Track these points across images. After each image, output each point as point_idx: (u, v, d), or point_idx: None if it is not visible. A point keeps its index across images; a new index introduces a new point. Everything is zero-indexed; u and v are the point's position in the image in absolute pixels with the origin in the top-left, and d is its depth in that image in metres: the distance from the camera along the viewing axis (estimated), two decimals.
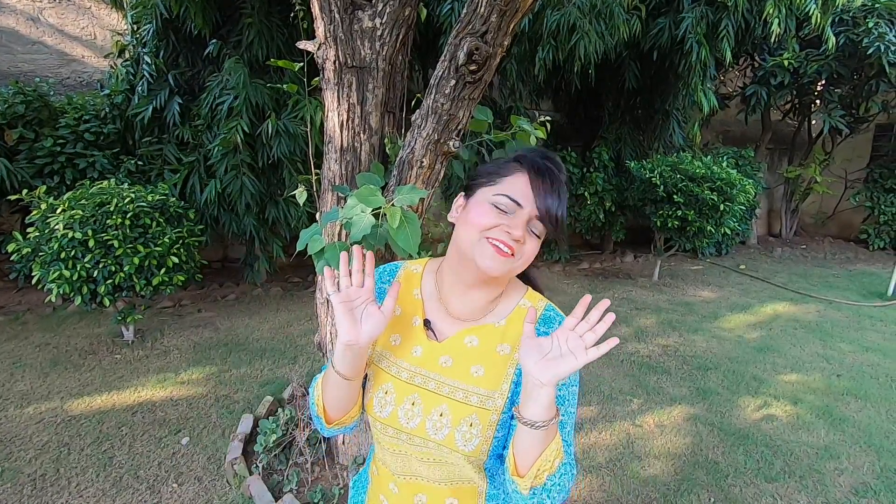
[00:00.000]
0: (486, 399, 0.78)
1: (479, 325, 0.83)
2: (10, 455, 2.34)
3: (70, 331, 3.78)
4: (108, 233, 3.14)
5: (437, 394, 0.80)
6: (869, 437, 2.63)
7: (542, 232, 0.78)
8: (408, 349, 0.84)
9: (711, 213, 4.82)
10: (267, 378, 3.13)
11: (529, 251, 0.78)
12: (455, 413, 0.78)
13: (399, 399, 0.82)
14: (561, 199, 0.77)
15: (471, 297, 0.83)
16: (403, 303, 0.87)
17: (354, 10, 1.89)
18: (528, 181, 0.77)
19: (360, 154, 1.94)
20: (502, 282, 0.83)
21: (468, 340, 0.82)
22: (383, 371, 0.84)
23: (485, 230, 0.76)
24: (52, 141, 3.95)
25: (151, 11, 3.94)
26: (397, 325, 0.86)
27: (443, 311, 0.85)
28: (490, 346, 0.81)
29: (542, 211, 0.76)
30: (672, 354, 3.62)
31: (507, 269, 0.76)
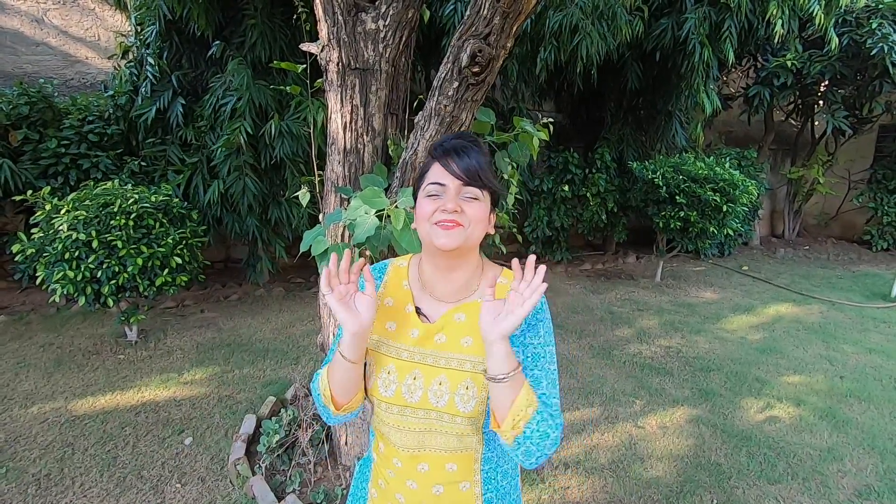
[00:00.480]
0: (478, 364, 0.88)
1: (465, 303, 0.93)
2: (14, 455, 2.35)
3: (74, 331, 3.80)
4: (112, 233, 3.15)
5: (435, 366, 0.90)
6: (872, 439, 2.62)
7: (478, 194, 0.87)
8: (405, 333, 0.93)
9: (714, 213, 4.82)
10: (269, 378, 3.14)
11: (473, 214, 0.87)
12: (452, 380, 0.88)
13: (401, 377, 0.90)
14: (471, 157, 0.87)
15: (450, 279, 0.93)
16: (394, 295, 0.97)
17: (358, 12, 1.90)
18: (441, 162, 0.88)
19: (363, 156, 1.95)
20: (467, 254, 0.92)
21: (457, 317, 0.92)
22: (384, 355, 0.93)
23: (428, 218, 0.87)
24: (56, 142, 3.97)
25: (155, 13, 3.95)
26: (391, 314, 0.96)
27: (429, 297, 0.95)
28: (475, 320, 0.90)
29: (459, 175, 0.86)
30: (674, 356, 3.62)
31: (460, 238, 0.86)
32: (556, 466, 2.34)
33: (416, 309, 0.94)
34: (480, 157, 0.88)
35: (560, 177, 5.86)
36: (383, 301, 0.97)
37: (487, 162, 0.90)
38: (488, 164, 0.90)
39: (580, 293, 5.11)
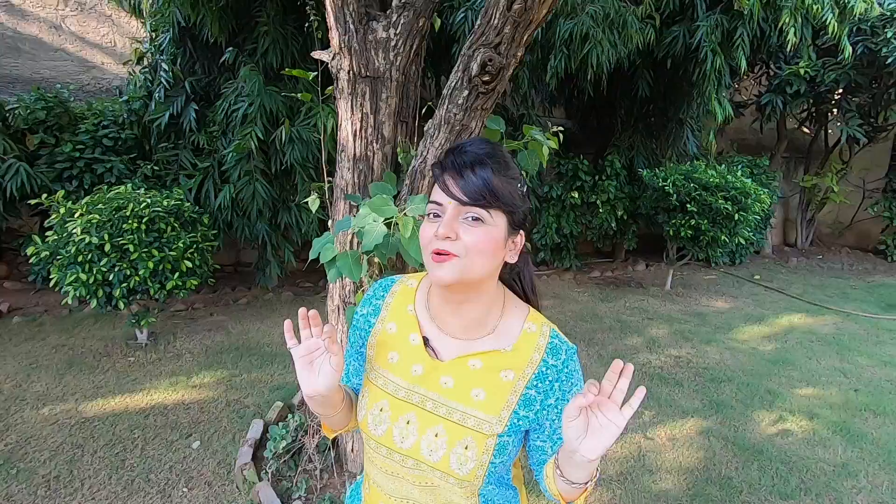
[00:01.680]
0: (484, 423, 0.77)
1: (485, 351, 0.80)
2: (25, 455, 2.38)
3: (85, 333, 3.84)
4: (124, 237, 3.19)
5: (434, 414, 0.79)
6: (888, 454, 2.57)
7: (482, 215, 0.72)
8: (407, 367, 0.82)
9: (725, 222, 4.77)
10: (277, 383, 3.15)
11: (471, 242, 0.72)
12: (451, 434, 0.77)
13: (394, 417, 0.80)
14: (477, 171, 0.72)
15: (460, 314, 0.80)
16: (397, 319, 0.86)
17: (369, 20, 1.91)
18: (440, 179, 0.75)
19: (372, 163, 1.96)
20: (476, 288, 0.78)
21: (472, 363, 0.80)
22: (378, 388, 0.83)
23: (426, 247, 0.74)
24: (71, 146, 4.03)
25: (169, 19, 4.02)
26: (393, 342, 0.84)
27: (437, 330, 0.83)
28: (494, 371, 0.79)
29: (456, 195, 0.72)
30: (684, 366, 3.58)
31: (454, 272, 0.72)
32: None
33: (423, 339, 0.82)
34: (489, 171, 0.72)
35: (569, 183, 5.84)
36: (385, 326, 0.86)
37: (504, 175, 0.74)
38: (505, 179, 0.74)
39: (589, 301, 5.07)
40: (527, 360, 0.79)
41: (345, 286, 2.05)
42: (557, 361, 0.79)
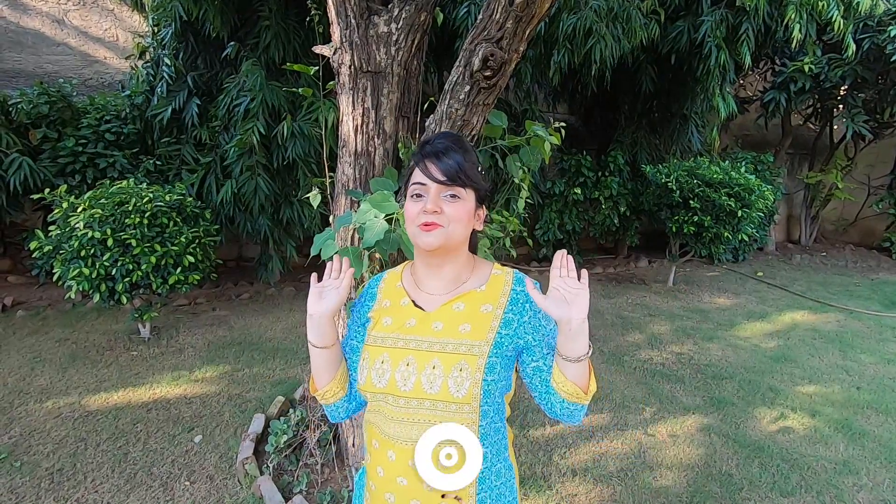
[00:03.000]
0: (473, 347, 0.90)
1: (464, 293, 0.96)
2: (29, 448, 2.39)
3: (88, 327, 3.86)
4: (127, 232, 3.20)
5: (429, 351, 0.91)
6: (890, 452, 2.56)
7: (459, 192, 0.91)
8: (402, 324, 0.96)
9: (729, 219, 4.75)
10: (279, 378, 3.16)
11: (452, 213, 0.90)
12: (446, 363, 0.89)
13: (395, 364, 0.92)
14: (450, 157, 0.91)
15: (440, 275, 0.97)
16: (390, 295, 1.02)
17: (370, 15, 1.90)
18: (421, 165, 0.92)
19: (373, 158, 1.95)
20: (454, 251, 0.96)
21: (456, 307, 0.95)
22: (377, 346, 0.95)
23: (413, 220, 0.92)
24: (74, 141, 4.04)
25: (171, 14, 4.01)
26: (388, 312, 0.99)
27: (422, 293, 0.99)
28: (475, 307, 0.95)
29: (437, 177, 0.90)
30: (686, 362, 3.57)
31: (441, 238, 0.90)
32: (563, 473, 2.32)
33: (412, 301, 0.98)
34: (460, 157, 0.91)
35: (572, 180, 5.82)
36: (381, 304, 1.02)
37: (470, 160, 0.93)
38: (471, 163, 0.93)
39: (591, 297, 5.04)
40: (499, 292, 0.96)
41: None
42: (522, 285, 0.97)
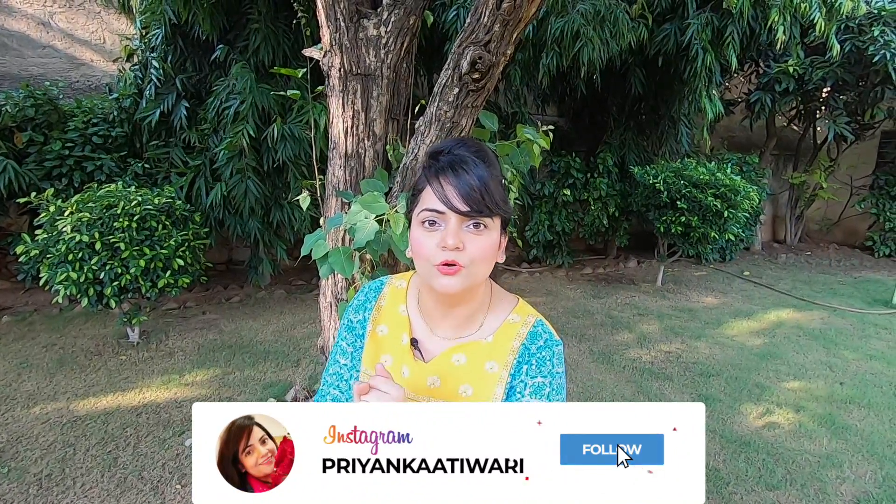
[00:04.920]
0: None
1: (466, 342, 0.80)
2: (16, 455, 2.37)
3: (76, 332, 3.82)
4: (115, 235, 3.17)
5: None
6: (871, 445, 2.62)
7: (485, 221, 0.73)
8: (398, 370, 0.81)
9: (715, 219, 4.82)
10: (270, 381, 3.15)
11: (477, 250, 0.73)
12: None
13: None
14: (472, 175, 0.72)
15: (453, 315, 0.81)
16: (389, 321, 0.85)
17: (360, 18, 1.92)
18: (435, 184, 0.73)
19: (364, 160, 1.97)
20: (473, 292, 0.79)
21: (455, 359, 0.80)
22: None
23: (430, 258, 0.73)
24: (60, 144, 4.00)
25: (160, 17, 3.99)
26: (386, 344, 0.84)
27: (428, 330, 0.83)
28: (478, 364, 0.79)
29: (458, 207, 0.71)
30: (674, 361, 3.62)
31: (465, 281, 0.73)
32: None
33: (411, 341, 0.82)
34: (484, 172, 0.72)
35: (562, 181, 5.87)
36: (376, 328, 0.85)
37: (495, 177, 0.74)
38: (496, 181, 0.74)
39: (580, 297, 5.11)
40: (508, 349, 0.79)
41: (337, 283, 2.06)
42: (533, 346, 0.79)
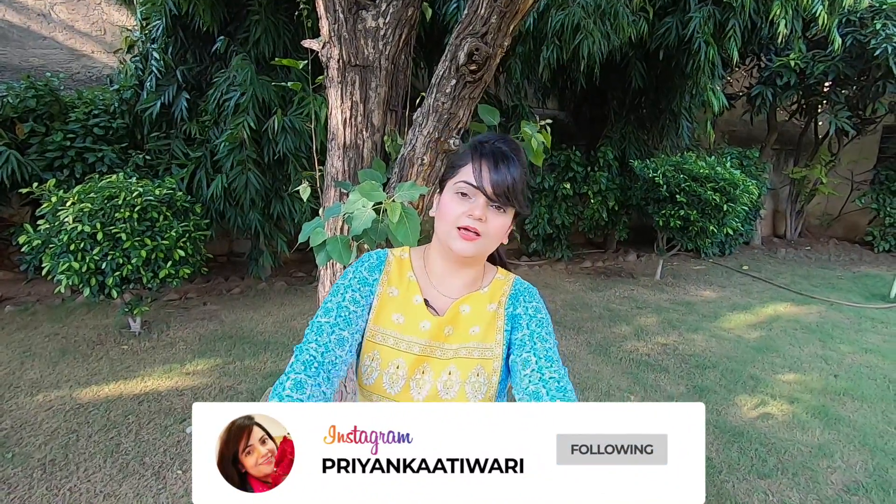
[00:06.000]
0: (486, 350, 0.90)
1: (468, 295, 0.95)
2: (20, 440, 2.41)
3: (78, 322, 3.85)
4: (117, 226, 3.20)
5: (443, 358, 0.90)
6: (864, 436, 2.65)
7: (505, 206, 0.87)
8: (415, 325, 0.92)
9: (714, 213, 4.83)
10: (270, 370, 3.19)
11: (494, 227, 0.88)
12: (463, 369, 0.89)
13: (411, 372, 0.89)
14: (510, 170, 0.86)
15: (459, 276, 0.95)
16: (399, 285, 0.96)
17: (358, 9, 1.93)
18: (478, 165, 0.86)
19: (362, 151, 1.99)
20: (480, 259, 0.95)
21: (462, 309, 0.93)
22: (390, 348, 0.90)
23: (453, 220, 0.87)
24: (62, 135, 4.01)
25: (161, 8, 3.99)
26: (398, 305, 0.93)
27: (434, 291, 0.95)
28: (481, 308, 0.94)
29: (491, 189, 0.85)
30: (671, 353, 3.65)
31: (477, 248, 0.87)
32: None
33: (424, 301, 0.93)
34: (518, 173, 0.86)
35: (562, 175, 5.88)
36: (387, 291, 0.95)
37: (523, 178, 0.88)
38: (523, 182, 0.88)
39: (579, 290, 5.14)
40: (501, 293, 0.96)
41: (335, 272, 2.09)
42: (521, 286, 0.98)
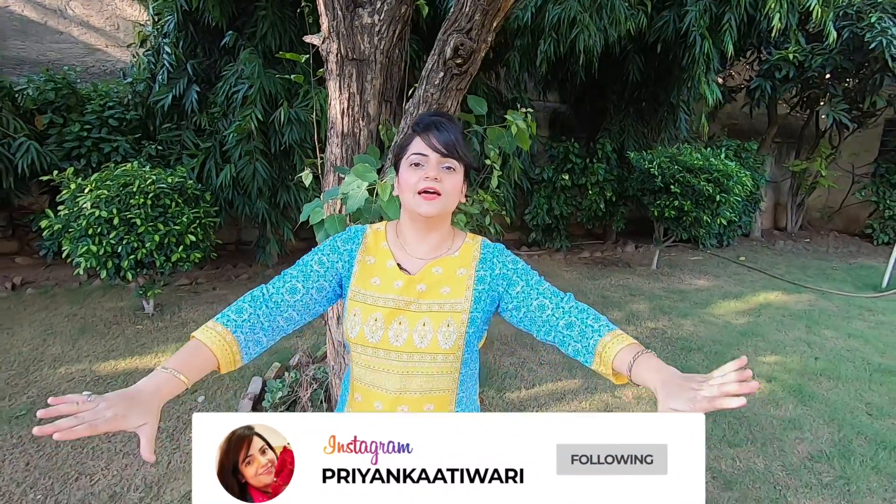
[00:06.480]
0: (456, 305, 1.03)
1: (440, 258, 1.08)
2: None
3: (95, 304, 4.07)
4: (132, 212, 3.39)
5: (418, 311, 1.03)
6: (834, 411, 2.79)
7: (455, 165, 1.01)
8: (390, 284, 1.05)
9: (707, 203, 4.95)
10: (275, 349, 3.37)
11: (450, 185, 1.01)
12: (435, 320, 1.02)
13: (388, 323, 1.02)
14: (449, 132, 1.00)
15: (427, 239, 1.08)
16: (375, 253, 1.09)
17: (355, 7, 2.09)
18: (423, 136, 1.01)
19: (359, 139, 2.15)
20: (444, 220, 1.08)
21: (435, 270, 1.06)
22: (369, 305, 1.04)
23: (413, 187, 1.00)
24: (79, 126, 4.21)
25: (172, 4, 4.17)
26: (374, 270, 1.07)
27: (406, 255, 1.08)
28: (452, 271, 1.06)
29: (438, 147, 0.99)
30: (659, 336, 3.79)
31: (440, 206, 1.00)
32: None
33: (397, 265, 1.07)
34: (457, 132, 1.01)
35: (560, 166, 6.01)
36: (365, 259, 1.08)
37: (461, 134, 1.03)
38: (464, 139, 1.03)
39: (576, 279, 5.28)
40: (470, 257, 1.08)
41: None
42: (490, 248, 1.10)
